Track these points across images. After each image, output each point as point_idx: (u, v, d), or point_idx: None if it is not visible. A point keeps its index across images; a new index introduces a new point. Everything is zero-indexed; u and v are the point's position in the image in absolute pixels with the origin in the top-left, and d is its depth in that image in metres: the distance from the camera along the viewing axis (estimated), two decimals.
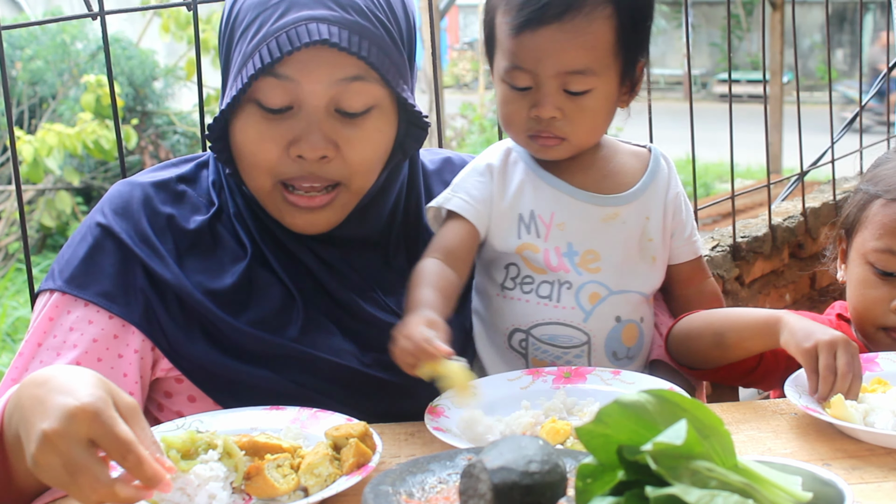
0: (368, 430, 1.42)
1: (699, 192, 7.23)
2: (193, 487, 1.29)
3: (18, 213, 2.84)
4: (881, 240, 1.83)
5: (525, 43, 1.65)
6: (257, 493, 1.33)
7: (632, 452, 1.06)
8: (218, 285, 1.64)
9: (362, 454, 1.37)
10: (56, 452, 1.17)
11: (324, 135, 1.58)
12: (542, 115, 1.67)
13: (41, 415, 1.19)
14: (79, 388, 1.20)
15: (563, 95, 1.66)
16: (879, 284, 1.83)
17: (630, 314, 1.77)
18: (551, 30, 1.63)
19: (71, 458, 1.17)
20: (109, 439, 1.18)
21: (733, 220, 3.38)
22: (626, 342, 1.78)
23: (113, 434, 1.18)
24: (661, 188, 1.81)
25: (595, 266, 1.74)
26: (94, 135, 6.66)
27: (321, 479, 1.34)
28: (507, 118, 1.72)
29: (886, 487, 1.33)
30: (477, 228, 1.74)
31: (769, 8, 11.14)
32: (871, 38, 19.81)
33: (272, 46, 1.52)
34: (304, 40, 1.51)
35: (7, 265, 7.79)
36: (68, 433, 1.17)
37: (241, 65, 1.55)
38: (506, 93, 1.70)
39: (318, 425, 1.50)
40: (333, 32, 1.52)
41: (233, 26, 1.59)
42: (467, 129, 10.84)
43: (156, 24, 7.78)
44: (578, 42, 1.64)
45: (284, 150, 1.58)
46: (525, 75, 1.66)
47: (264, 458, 1.35)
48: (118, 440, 1.18)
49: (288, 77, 1.54)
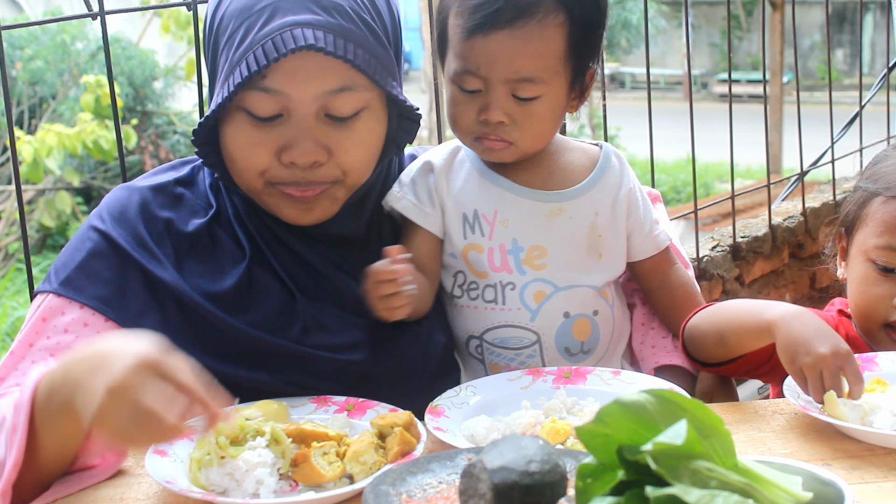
0: (413, 419, 1.46)
1: (699, 192, 7.23)
2: (241, 473, 1.34)
3: (18, 213, 2.84)
4: (882, 237, 1.83)
5: (476, 47, 1.64)
6: (304, 480, 1.37)
7: (632, 452, 1.06)
8: (217, 287, 1.64)
9: (407, 443, 1.41)
10: (123, 404, 1.24)
11: (315, 140, 1.57)
12: (491, 119, 1.67)
13: (103, 375, 1.26)
14: (135, 344, 1.29)
15: (512, 101, 1.66)
16: (881, 281, 1.83)
17: (580, 308, 1.77)
18: (503, 35, 1.62)
19: (138, 405, 1.24)
20: (173, 381, 1.27)
21: (733, 220, 3.38)
22: (577, 336, 1.78)
23: (175, 377, 1.27)
24: (611, 184, 1.81)
25: (540, 263, 1.74)
26: (94, 135, 6.66)
27: (366, 466, 1.38)
28: (455, 119, 1.72)
29: (886, 487, 1.33)
30: (432, 234, 1.76)
31: (769, 8, 11.15)
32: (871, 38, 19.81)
33: (258, 54, 1.51)
34: (289, 46, 1.50)
35: (7, 265, 7.79)
36: (133, 383, 1.25)
37: (227, 73, 1.55)
38: (455, 94, 1.70)
39: (363, 415, 1.54)
40: (319, 37, 1.51)
41: (217, 32, 1.58)
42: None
43: (156, 24, 7.78)
44: (529, 49, 1.63)
45: (275, 157, 1.58)
46: (475, 79, 1.66)
47: (311, 445, 1.40)
48: (180, 381, 1.27)
49: (275, 90, 1.54)
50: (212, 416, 1.29)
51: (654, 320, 1.91)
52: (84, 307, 1.60)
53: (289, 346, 1.63)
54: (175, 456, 1.42)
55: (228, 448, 1.36)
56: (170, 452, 1.42)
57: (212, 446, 1.36)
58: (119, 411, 1.24)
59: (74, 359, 1.34)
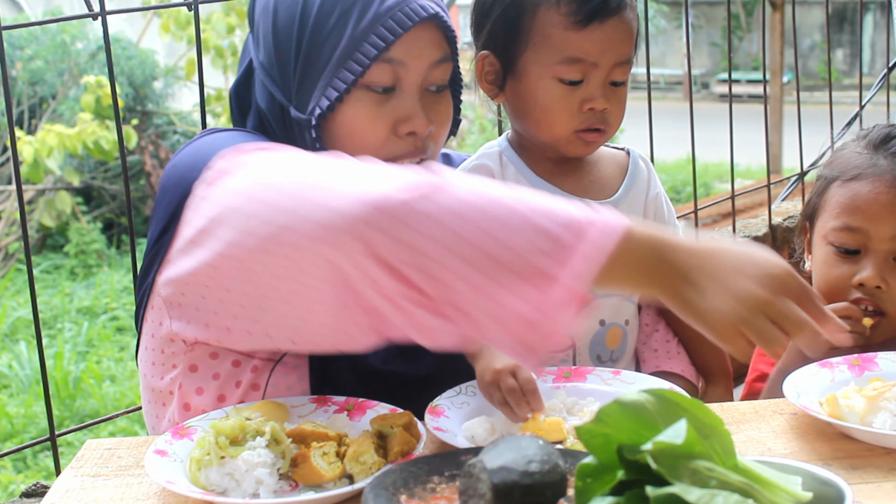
0: (413, 419, 1.46)
1: (699, 192, 7.23)
2: (241, 473, 1.34)
3: (19, 213, 2.84)
4: (839, 218, 1.85)
5: (592, 35, 1.67)
6: (303, 480, 1.37)
7: (632, 452, 1.06)
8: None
9: (406, 442, 1.41)
10: (781, 300, 1.23)
11: (426, 111, 1.62)
12: (597, 107, 1.70)
13: (757, 267, 1.24)
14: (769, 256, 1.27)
15: (609, 87, 1.71)
16: (840, 263, 1.85)
17: (614, 317, 1.78)
18: (615, 21, 1.68)
19: (791, 309, 1.23)
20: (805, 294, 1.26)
21: (733, 220, 3.38)
22: (609, 345, 1.79)
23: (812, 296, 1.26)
24: (640, 191, 1.83)
25: None
26: (95, 135, 6.66)
27: (366, 466, 1.37)
28: (553, 114, 1.71)
29: (886, 487, 1.33)
30: None
31: (769, 8, 11.14)
32: (871, 38, 19.82)
33: (389, 25, 1.55)
34: (421, 15, 1.56)
35: (7, 265, 7.79)
36: (796, 283, 1.25)
37: (348, 50, 1.56)
38: (553, 88, 1.70)
39: (363, 415, 1.54)
40: (437, 8, 1.59)
41: (318, 16, 1.57)
42: (467, 129, 10.84)
43: (156, 24, 7.77)
44: (631, 32, 1.71)
45: (391, 130, 1.61)
46: (582, 68, 1.68)
47: (311, 445, 1.39)
48: (809, 292, 1.26)
49: (398, 61, 1.58)
50: (834, 325, 1.27)
51: (659, 322, 1.91)
52: None
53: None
54: (175, 456, 1.41)
55: (228, 448, 1.36)
56: (170, 452, 1.42)
57: (212, 446, 1.36)
58: (771, 309, 1.22)
59: (677, 244, 1.25)
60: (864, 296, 1.82)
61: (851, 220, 1.83)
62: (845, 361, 1.66)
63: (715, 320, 1.23)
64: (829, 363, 1.64)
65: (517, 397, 1.49)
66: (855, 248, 1.83)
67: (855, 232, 1.82)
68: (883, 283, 1.80)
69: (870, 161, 1.86)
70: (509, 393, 1.49)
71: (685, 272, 1.24)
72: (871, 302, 1.82)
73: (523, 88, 1.73)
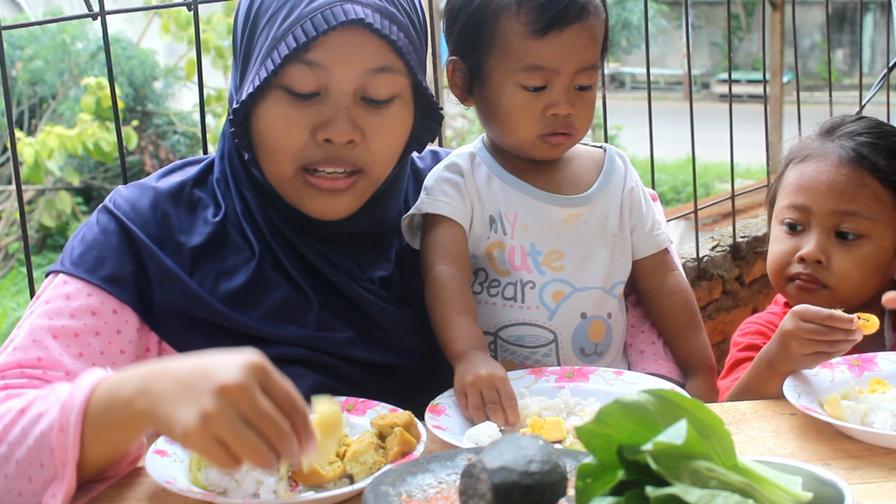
0: (413, 419, 1.46)
1: (699, 192, 7.22)
2: (242, 473, 1.34)
3: (19, 213, 2.84)
4: (788, 197, 1.95)
5: (551, 43, 1.67)
6: (303, 480, 1.37)
7: (632, 452, 1.06)
8: (227, 286, 1.63)
9: (407, 443, 1.41)
10: (240, 404, 1.17)
11: (351, 120, 1.59)
12: (561, 113, 1.70)
13: (207, 381, 1.18)
14: (238, 355, 1.22)
15: (573, 92, 1.71)
16: (787, 239, 1.94)
17: (595, 310, 1.78)
18: (575, 28, 1.68)
19: (256, 406, 1.17)
20: (280, 392, 1.20)
21: (733, 220, 3.38)
22: (592, 338, 1.79)
23: (281, 387, 1.20)
24: (616, 185, 1.83)
25: (559, 265, 1.76)
26: (95, 137, 6.67)
27: (366, 466, 1.38)
28: (517, 120, 1.72)
29: (886, 487, 1.33)
30: (463, 228, 1.76)
31: (769, 8, 11.14)
32: (871, 38, 19.82)
33: (307, 27, 1.53)
34: (340, 19, 1.52)
35: (7, 265, 7.80)
36: (249, 384, 1.18)
37: (269, 49, 1.56)
38: (515, 95, 1.70)
39: (363, 414, 1.54)
40: (367, 14, 1.54)
41: (257, 13, 1.59)
42: (467, 129, 10.85)
43: (156, 24, 7.79)
44: (593, 39, 1.71)
45: (310, 135, 1.59)
46: (544, 75, 1.68)
47: None
48: (286, 392, 1.20)
49: (318, 64, 1.55)
50: (308, 433, 1.21)
51: (644, 323, 1.90)
52: (92, 286, 1.58)
53: (297, 340, 1.63)
54: (175, 456, 1.41)
55: None
56: (170, 452, 1.42)
57: None
58: (231, 414, 1.17)
59: (151, 371, 1.27)
60: (804, 270, 1.89)
61: (797, 197, 1.92)
62: (845, 361, 1.66)
63: (185, 435, 1.19)
64: (830, 364, 1.64)
65: (496, 409, 1.52)
66: (801, 224, 1.92)
67: (800, 209, 1.92)
68: (823, 258, 1.88)
69: (820, 144, 1.96)
70: (490, 403, 1.52)
71: (140, 399, 1.25)
72: (811, 276, 1.89)
73: (488, 94, 1.74)
